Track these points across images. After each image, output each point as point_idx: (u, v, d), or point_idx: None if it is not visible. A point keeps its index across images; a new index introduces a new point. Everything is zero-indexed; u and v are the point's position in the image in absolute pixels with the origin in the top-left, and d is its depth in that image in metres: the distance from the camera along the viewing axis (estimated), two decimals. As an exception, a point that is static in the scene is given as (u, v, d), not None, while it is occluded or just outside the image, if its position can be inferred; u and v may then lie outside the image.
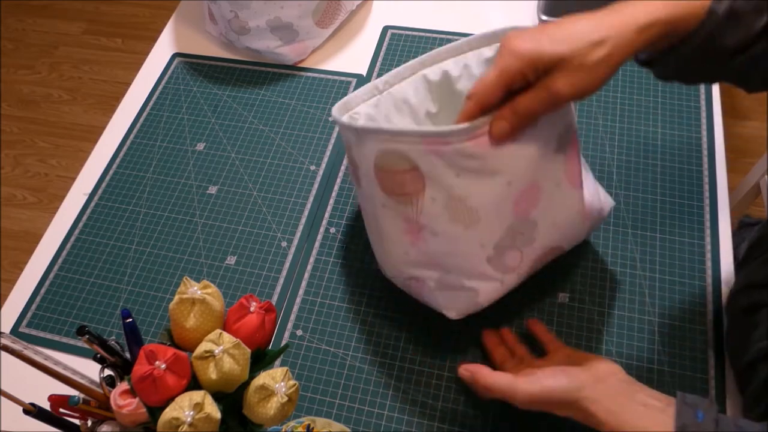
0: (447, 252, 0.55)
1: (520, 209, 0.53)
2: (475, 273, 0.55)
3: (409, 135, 0.51)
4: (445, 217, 0.53)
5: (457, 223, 0.53)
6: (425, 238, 0.55)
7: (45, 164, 1.89)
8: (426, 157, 0.51)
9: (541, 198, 0.54)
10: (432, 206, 0.53)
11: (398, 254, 0.58)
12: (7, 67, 2.11)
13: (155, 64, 0.91)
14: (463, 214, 0.53)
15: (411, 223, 0.55)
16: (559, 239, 0.57)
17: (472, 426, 0.59)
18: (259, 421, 0.42)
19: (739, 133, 1.74)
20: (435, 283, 0.58)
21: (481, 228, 0.53)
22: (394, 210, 0.56)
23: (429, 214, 0.54)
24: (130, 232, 0.75)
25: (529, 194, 0.53)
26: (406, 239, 0.57)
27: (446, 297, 0.58)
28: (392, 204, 0.56)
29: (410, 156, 0.52)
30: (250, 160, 0.80)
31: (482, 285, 0.56)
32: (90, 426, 0.42)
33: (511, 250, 0.55)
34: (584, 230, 0.59)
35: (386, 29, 0.91)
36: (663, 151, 0.74)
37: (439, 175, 0.52)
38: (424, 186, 0.53)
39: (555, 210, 0.55)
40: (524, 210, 0.54)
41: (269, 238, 0.73)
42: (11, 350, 0.38)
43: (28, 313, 0.70)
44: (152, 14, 2.20)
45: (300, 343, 0.65)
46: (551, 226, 0.56)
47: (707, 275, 0.65)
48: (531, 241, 0.55)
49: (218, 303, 0.44)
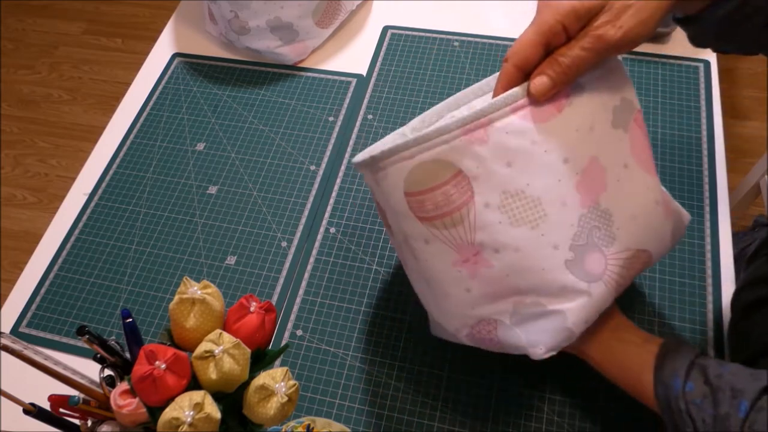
0: (517, 268, 0.47)
1: (586, 194, 0.47)
2: (556, 288, 0.47)
3: (445, 131, 0.45)
4: (506, 222, 0.46)
5: (521, 225, 0.46)
6: (487, 261, 0.47)
7: (45, 164, 1.89)
8: (469, 151, 0.45)
9: (608, 181, 0.47)
10: (487, 213, 0.46)
11: (458, 296, 0.50)
12: (7, 67, 2.11)
13: (155, 64, 0.91)
14: (524, 212, 0.46)
15: (465, 250, 0.48)
16: (643, 239, 0.49)
17: (472, 426, 0.59)
18: (259, 421, 0.42)
19: (739, 133, 1.74)
20: (510, 317, 0.49)
21: (549, 224, 0.46)
22: (441, 241, 0.48)
23: (485, 225, 0.46)
24: (130, 232, 0.75)
25: (593, 175, 0.47)
26: (464, 272, 0.48)
27: (529, 331, 0.49)
28: (437, 234, 0.48)
29: (449, 159, 0.45)
30: (250, 160, 0.80)
31: (568, 304, 0.47)
32: (90, 426, 0.42)
33: (592, 251, 0.47)
34: (668, 230, 0.51)
35: (386, 29, 0.91)
36: (663, 151, 0.74)
37: (488, 169, 0.45)
38: (472, 192, 0.46)
39: (628, 197, 0.48)
40: (591, 196, 0.47)
41: (269, 238, 0.73)
42: (11, 350, 0.38)
43: (28, 313, 0.70)
44: (152, 14, 2.20)
45: (300, 343, 0.65)
46: (629, 219, 0.48)
47: (707, 275, 0.65)
48: (611, 239, 0.48)
49: (218, 303, 0.44)
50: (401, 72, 0.85)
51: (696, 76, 0.80)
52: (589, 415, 0.59)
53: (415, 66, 0.86)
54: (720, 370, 0.46)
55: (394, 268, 0.69)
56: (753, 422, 0.42)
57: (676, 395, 0.46)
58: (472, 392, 0.61)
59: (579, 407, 0.59)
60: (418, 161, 0.46)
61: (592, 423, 0.58)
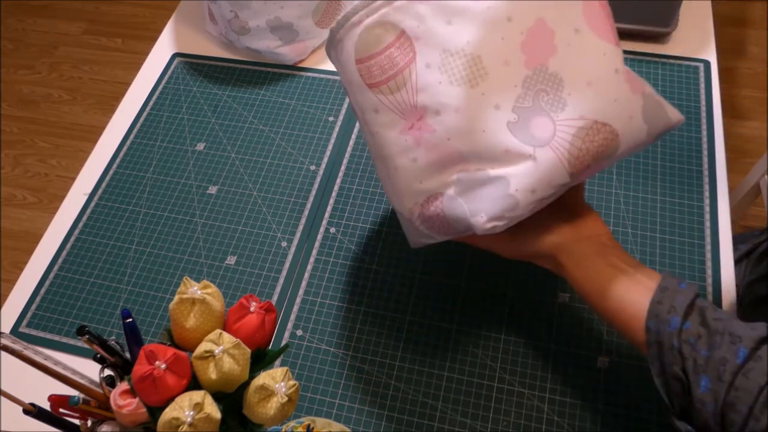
0: (458, 131, 0.46)
1: (532, 56, 0.45)
2: (499, 152, 0.46)
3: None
4: (445, 81, 0.46)
5: (461, 84, 0.45)
6: (430, 126, 0.47)
7: (45, 164, 1.89)
8: (411, 10, 0.46)
9: (558, 44, 0.46)
10: (427, 74, 0.46)
11: (406, 168, 0.49)
12: (7, 67, 2.11)
13: (155, 64, 0.91)
14: (464, 70, 0.45)
15: (409, 114, 0.47)
16: (601, 110, 0.46)
17: (472, 426, 0.59)
18: (259, 421, 0.42)
19: (739, 133, 1.74)
20: (455, 188, 0.48)
21: (489, 83, 0.45)
22: (388, 108, 0.48)
23: (426, 86, 0.46)
24: (130, 232, 0.75)
25: (539, 36, 0.45)
26: (410, 140, 0.48)
27: (472, 200, 0.48)
28: (384, 101, 0.48)
29: (392, 20, 0.46)
30: (250, 160, 0.80)
31: (511, 169, 0.46)
32: (90, 426, 0.42)
33: (538, 115, 0.45)
34: (636, 108, 0.47)
35: (386, 29, 0.90)
36: (663, 151, 0.74)
37: (428, 28, 0.45)
38: (414, 53, 0.46)
39: (581, 62, 0.46)
40: (538, 57, 0.45)
41: (269, 238, 0.73)
42: (11, 350, 0.38)
43: (28, 313, 0.70)
44: (152, 14, 2.20)
45: (300, 343, 0.65)
46: (583, 85, 0.46)
47: (707, 275, 0.65)
48: (561, 104, 0.45)
49: (218, 303, 0.44)
50: (401, 72, 0.85)
51: (696, 76, 0.80)
52: (589, 415, 0.59)
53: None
54: (718, 314, 0.45)
55: (394, 268, 0.69)
56: (749, 370, 0.41)
57: (671, 331, 0.45)
58: (472, 392, 0.61)
59: (579, 407, 0.59)
60: (365, 26, 0.47)
61: (593, 423, 0.58)
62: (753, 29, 1.95)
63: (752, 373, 0.41)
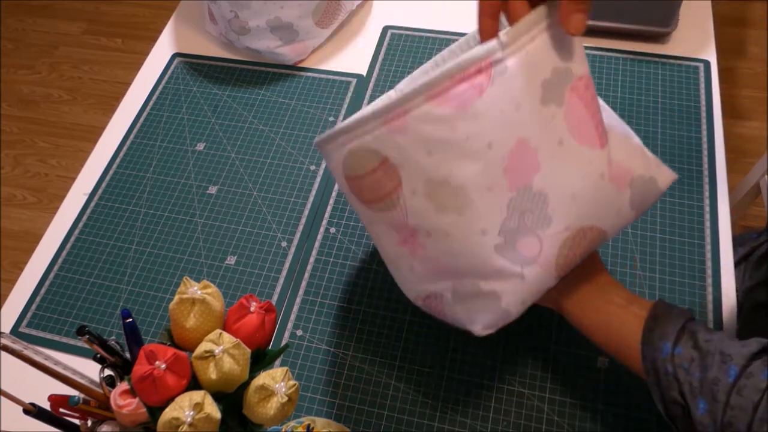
0: (449, 252, 0.48)
1: (515, 178, 0.45)
2: (488, 270, 0.47)
3: (366, 120, 0.45)
4: (432, 209, 0.46)
5: (447, 212, 0.46)
6: (422, 243, 0.48)
7: (45, 164, 1.89)
8: (391, 139, 0.45)
9: (541, 161, 0.45)
10: (415, 200, 0.46)
11: (405, 272, 0.52)
12: (7, 67, 2.11)
13: (155, 64, 0.91)
14: (449, 199, 0.45)
15: (403, 231, 0.49)
16: (588, 217, 0.47)
17: (472, 426, 0.59)
18: (259, 421, 0.42)
19: (739, 133, 1.74)
20: (452, 294, 0.50)
21: (476, 210, 0.45)
22: (382, 222, 0.50)
23: (415, 211, 0.47)
24: (130, 232, 0.75)
25: (521, 156, 0.45)
26: (406, 251, 0.50)
27: (467, 309, 0.50)
28: (378, 217, 0.49)
29: (375, 146, 0.45)
30: (250, 160, 0.80)
31: (501, 285, 0.47)
32: (90, 426, 0.42)
33: (524, 236, 0.46)
34: (624, 201, 0.48)
35: (386, 29, 0.91)
36: (663, 151, 0.74)
37: (410, 158, 0.45)
38: (400, 179, 0.46)
39: (565, 175, 0.46)
40: (522, 178, 0.45)
41: (269, 238, 0.73)
42: (11, 350, 0.38)
43: (28, 313, 0.70)
44: (152, 14, 2.20)
45: (300, 343, 0.65)
46: (568, 199, 0.46)
47: (707, 275, 0.65)
48: (547, 221, 0.46)
49: (218, 303, 0.44)
50: (401, 72, 0.85)
51: (696, 76, 0.80)
52: (589, 415, 0.59)
53: (415, 66, 0.86)
54: (709, 336, 0.46)
55: (394, 268, 0.69)
56: (742, 387, 0.42)
57: (664, 357, 0.46)
58: (472, 392, 0.61)
59: (579, 407, 0.59)
60: (348, 149, 0.47)
61: (593, 423, 0.58)
62: (753, 29, 1.95)
63: (745, 391, 0.41)
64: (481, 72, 0.43)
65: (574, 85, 0.45)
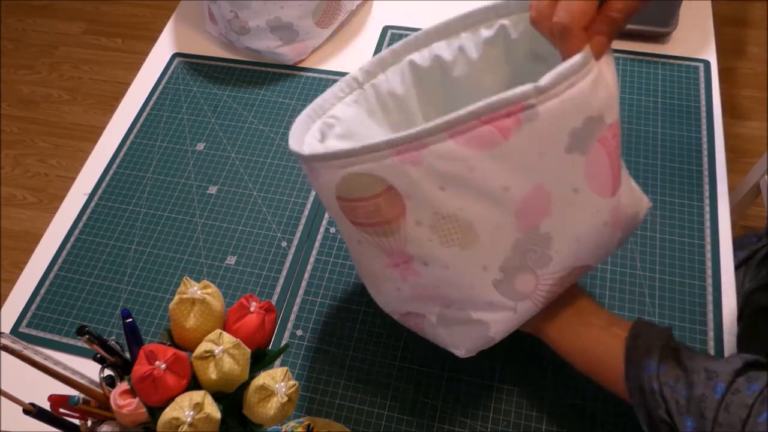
0: (445, 282, 0.47)
1: (525, 220, 0.44)
2: (482, 302, 0.47)
3: (374, 149, 0.42)
4: (435, 241, 0.45)
5: (451, 246, 0.45)
6: (416, 270, 0.47)
7: (45, 164, 1.89)
8: (401, 170, 0.42)
9: (553, 207, 0.45)
10: (417, 231, 0.44)
11: (389, 292, 0.51)
12: (7, 67, 2.11)
13: (155, 64, 0.91)
14: (456, 234, 0.44)
15: (396, 256, 0.47)
16: (584, 258, 0.48)
17: (472, 426, 0.59)
18: (259, 421, 0.42)
19: (739, 133, 1.74)
20: (437, 318, 0.50)
21: (480, 247, 0.45)
22: (373, 245, 0.47)
23: (416, 241, 0.45)
24: (130, 232, 0.75)
25: (535, 201, 0.44)
26: (395, 274, 0.48)
27: (452, 333, 0.50)
28: (369, 239, 0.47)
29: (381, 174, 0.42)
30: (250, 160, 0.80)
31: (492, 316, 0.48)
32: (90, 426, 0.42)
33: (523, 273, 0.46)
34: (614, 242, 0.50)
35: (386, 29, 0.91)
36: (663, 151, 0.74)
37: (419, 190, 0.43)
38: (404, 208, 0.44)
39: (573, 222, 0.46)
40: (531, 221, 0.45)
41: (269, 238, 0.73)
42: (11, 350, 0.38)
43: (28, 313, 0.70)
44: (152, 14, 2.20)
45: (300, 343, 0.65)
46: (572, 242, 0.46)
47: (707, 275, 0.65)
48: (546, 261, 0.46)
49: (218, 303, 0.44)
50: (401, 72, 0.85)
51: (696, 76, 0.80)
52: (589, 415, 0.59)
53: (415, 66, 0.86)
54: (691, 353, 0.46)
55: (394, 268, 0.69)
56: (729, 404, 0.41)
57: (650, 375, 0.45)
58: (472, 392, 0.61)
59: (579, 408, 0.59)
60: (348, 172, 0.43)
61: (592, 423, 0.58)
62: (753, 29, 1.95)
63: (732, 407, 0.41)
64: (510, 116, 0.40)
65: (603, 134, 0.44)
